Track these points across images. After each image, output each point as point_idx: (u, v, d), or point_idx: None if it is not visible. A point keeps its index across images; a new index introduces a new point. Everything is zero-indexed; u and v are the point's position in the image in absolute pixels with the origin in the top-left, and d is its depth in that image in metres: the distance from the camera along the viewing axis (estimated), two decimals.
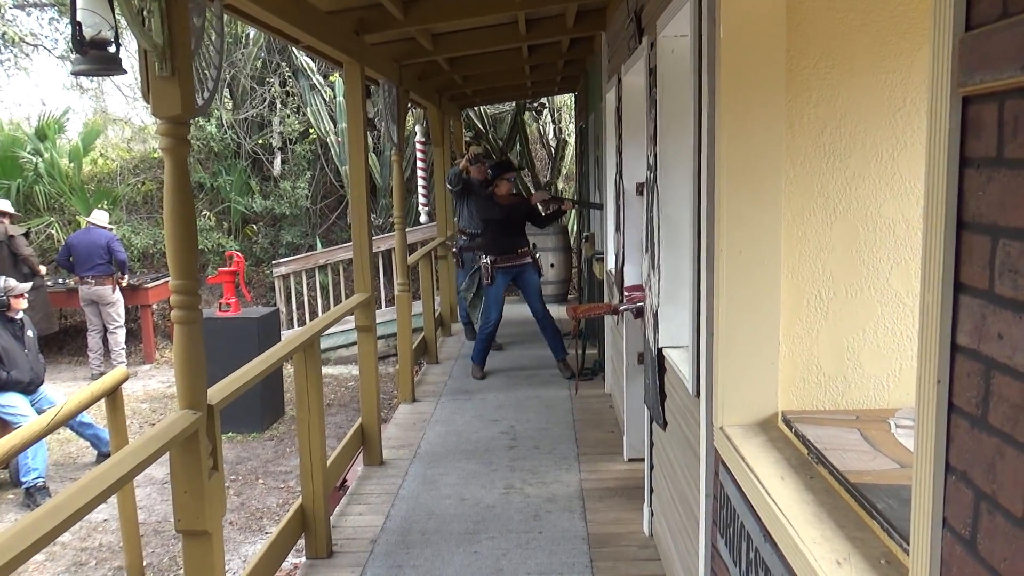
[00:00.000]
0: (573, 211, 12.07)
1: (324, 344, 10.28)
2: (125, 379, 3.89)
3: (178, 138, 2.44)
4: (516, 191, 7.36)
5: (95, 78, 13.69)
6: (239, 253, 8.60)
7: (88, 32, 2.32)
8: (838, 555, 1.59)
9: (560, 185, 12.30)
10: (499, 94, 10.52)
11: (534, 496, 4.53)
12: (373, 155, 11.92)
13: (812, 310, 2.39)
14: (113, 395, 3.72)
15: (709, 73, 2.36)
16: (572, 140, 12.33)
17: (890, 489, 1.76)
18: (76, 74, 2.55)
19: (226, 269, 7.83)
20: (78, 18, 2.30)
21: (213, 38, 2.70)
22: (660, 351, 3.43)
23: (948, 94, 0.99)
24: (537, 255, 7.40)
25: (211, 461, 2.57)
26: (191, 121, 2.66)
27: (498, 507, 4.39)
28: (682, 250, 3.33)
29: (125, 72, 2.46)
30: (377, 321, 10.58)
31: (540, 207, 7.32)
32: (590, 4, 5.57)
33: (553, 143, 12.66)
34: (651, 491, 3.95)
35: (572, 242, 11.09)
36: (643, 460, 4.94)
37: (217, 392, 2.72)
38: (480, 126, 11.95)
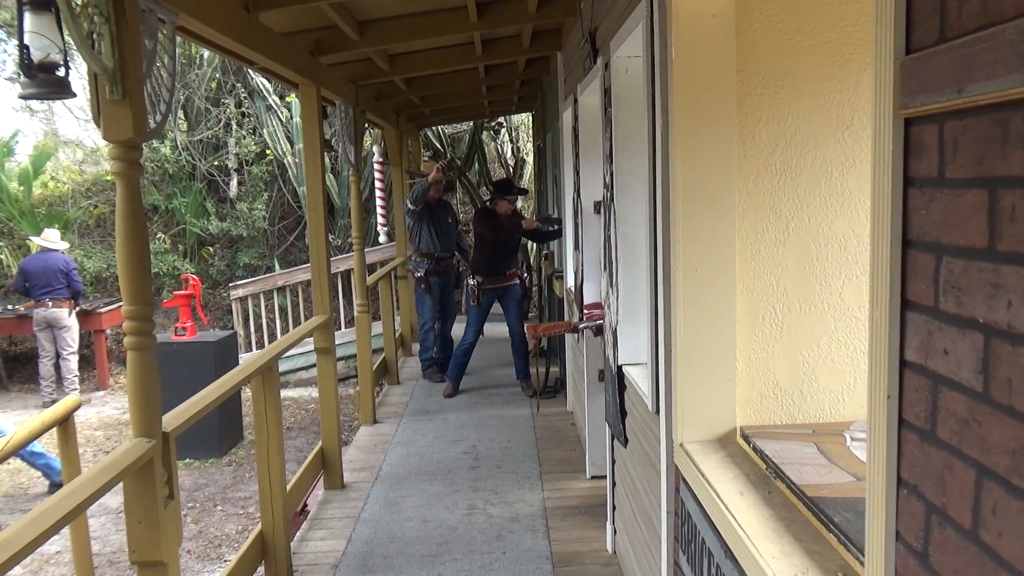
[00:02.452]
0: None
1: (283, 367, 10.16)
2: (77, 407, 3.80)
3: (130, 162, 2.41)
4: (516, 212, 7.20)
5: (45, 100, 13.45)
6: (195, 276, 8.47)
7: (36, 55, 2.29)
8: (796, 569, 1.60)
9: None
10: (457, 113, 10.54)
11: (497, 516, 4.51)
12: (331, 175, 11.85)
13: (767, 326, 2.42)
14: (65, 423, 3.64)
15: (662, 93, 2.40)
16: (530, 159, 12.39)
17: (846, 502, 1.78)
18: (24, 98, 2.51)
19: (182, 292, 7.71)
20: (26, 41, 2.27)
21: (166, 60, 2.68)
22: (620, 368, 3.45)
23: (891, 115, 1.02)
24: (526, 276, 7.39)
25: (166, 490, 2.52)
26: (144, 144, 2.62)
27: (461, 528, 4.36)
28: (639, 268, 3.36)
29: (74, 95, 2.43)
30: (337, 342, 10.53)
31: (539, 224, 7.26)
32: (545, 25, 5.62)
33: (511, 162, 12.72)
34: (613, 508, 3.96)
35: (532, 260, 11.12)
36: (605, 477, 4.97)
37: (172, 419, 2.68)
38: (439, 145, 11.96)
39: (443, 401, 6.97)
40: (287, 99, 11.63)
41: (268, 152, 11.95)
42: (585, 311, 4.79)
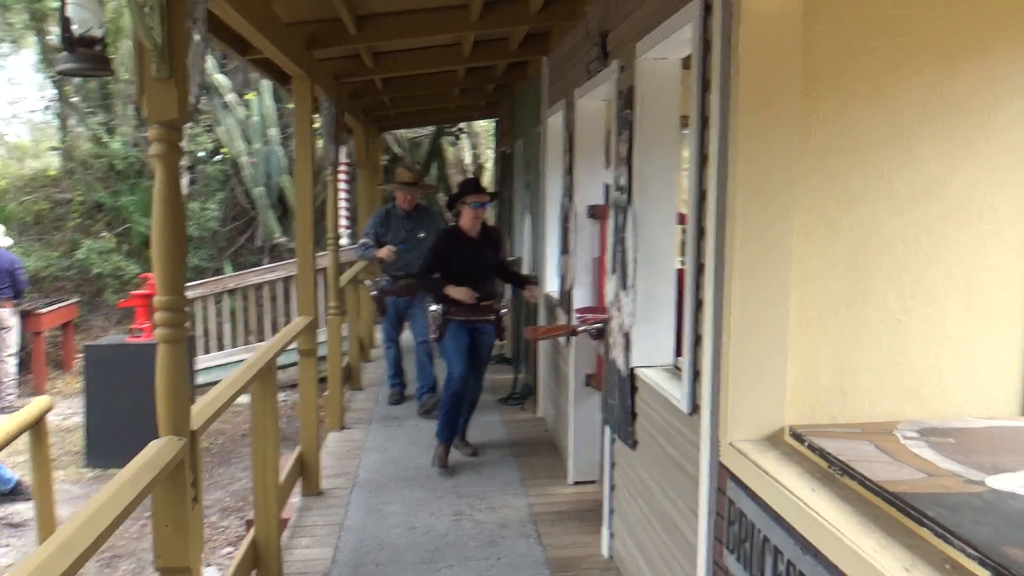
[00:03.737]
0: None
1: None
2: (49, 408, 3.62)
3: (172, 143, 2.30)
4: (489, 229, 5.74)
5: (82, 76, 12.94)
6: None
7: (77, 29, 2.17)
8: (902, 563, 1.59)
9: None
10: (422, 117, 10.46)
11: (486, 522, 4.44)
12: (287, 175, 11.64)
13: (814, 327, 2.44)
14: (37, 426, 3.47)
15: (722, 94, 2.39)
16: (490, 165, 12.37)
17: (931, 497, 1.78)
18: (63, 73, 2.37)
19: (139, 292, 7.45)
20: (67, 13, 2.15)
21: (197, 39, 2.58)
22: (632, 371, 3.43)
23: None
24: (503, 311, 5.61)
25: (193, 491, 2.40)
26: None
27: (451, 535, 4.28)
28: (659, 270, 3.37)
29: (112, 73, 2.31)
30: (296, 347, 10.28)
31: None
32: (536, 29, 5.61)
33: (471, 168, 12.67)
34: (611, 512, 3.93)
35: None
36: (591, 483, 4.96)
37: (198, 416, 2.55)
38: (398, 149, 11.85)
39: (411, 407, 6.85)
40: (246, 96, 11.38)
41: (224, 150, 11.66)
42: (577, 314, 4.77)
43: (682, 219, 3.58)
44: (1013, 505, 1.72)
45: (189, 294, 10.05)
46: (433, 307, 5.29)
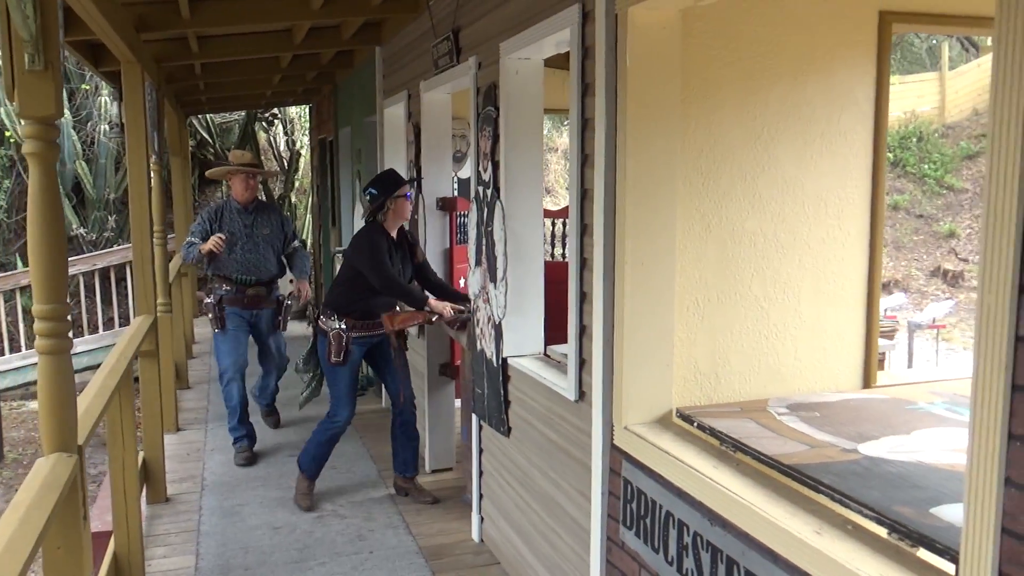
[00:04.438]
0: (308, 219, 11.79)
1: (6, 382, 9.19)
2: None
3: (48, 141, 2.14)
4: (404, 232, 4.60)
5: None
6: None
7: None
8: (812, 527, 1.81)
9: (294, 199, 11.97)
10: (234, 103, 10.03)
11: (350, 517, 4.42)
12: (82, 163, 10.79)
13: (691, 314, 2.66)
14: None
15: (607, 97, 2.53)
16: (306, 153, 12.05)
17: (821, 466, 2.02)
18: None
19: None
20: None
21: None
22: (505, 361, 3.55)
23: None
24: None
25: (83, 509, 2.27)
26: None
27: (317, 532, 4.24)
28: (528, 263, 3.50)
29: None
30: (90, 348, 9.61)
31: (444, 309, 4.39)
32: (370, 19, 5.56)
33: (286, 155, 12.28)
34: (481, 498, 4.05)
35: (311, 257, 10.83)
36: (448, 470, 5.06)
37: (80, 431, 2.40)
38: (206, 135, 11.28)
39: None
40: None
41: (8, 134, 10.61)
42: None
43: (545, 214, 3.73)
44: (888, 469, 1.99)
45: None
46: (336, 325, 4.39)
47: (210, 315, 5.41)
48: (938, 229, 14.35)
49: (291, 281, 5.80)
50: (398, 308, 4.61)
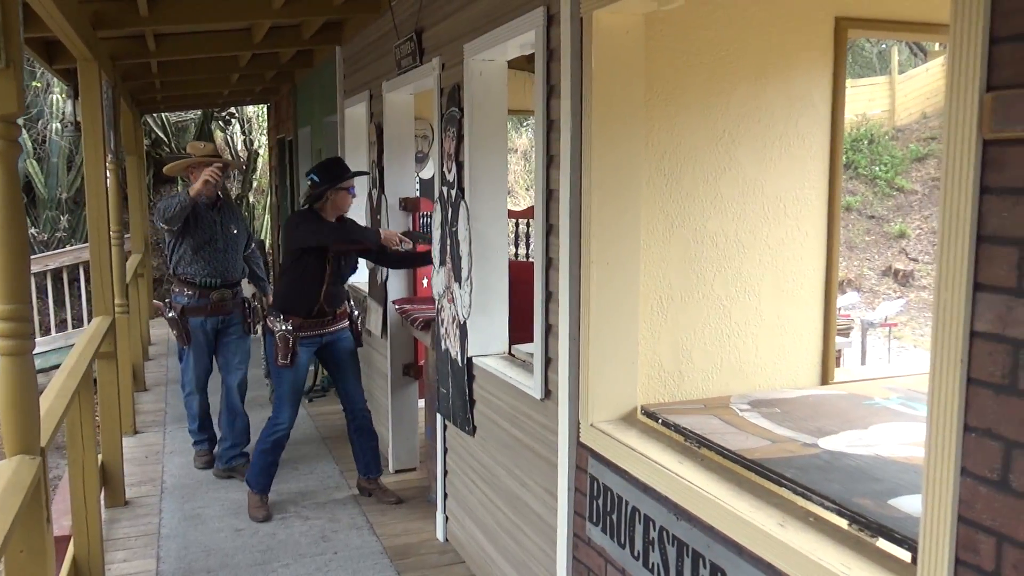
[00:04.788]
0: (267, 219, 11.69)
1: None
2: None
3: (11, 140, 2.12)
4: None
5: None
6: None
7: None
8: (775, 520, 1.86)
9: (252, 198, 11.85)
10: (191, 101, 9.91)
11: (314, 518, 4.40)
12: (33, 162, 10.57)
13: (655, 314, 2.70)
14: None
15: (573, 99, 2.57)
16: (264, 153, 11.93)
17: (783, 461, 2.08)
18: None
19: None
20: None
21: None
22: (470, 360, 3.57)
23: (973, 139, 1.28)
24: (356, 315, 4.70)
25: (46, 512, 2.24)
26: None
27: (280, 534, 4.21)
28: (493, 263, 3.52)
29: None
30: (43, 350, 9.41)
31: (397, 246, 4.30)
32: (331, 18, 5.54)
33: (243, 154, 12.15)
34: (445, 496, 4.06)
35: (269, 258, 10.73)
36: (412, 470, 5.06)
37: (42, 433, 2.36)
38: (161, 134, 11.11)
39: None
40: None
41: None
42: (395, 305, 4.82)
43: (509, 215, 3.75)
44: (847, 463, 2.05)
45: None
46: (282, 327, 4.24)
47: (174, 331, 5.02)
48: (889, 230, 14.68)
49: (249, 283, 5.64)
50: (347, 309, 4.56)
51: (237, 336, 5.10)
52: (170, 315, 4.99)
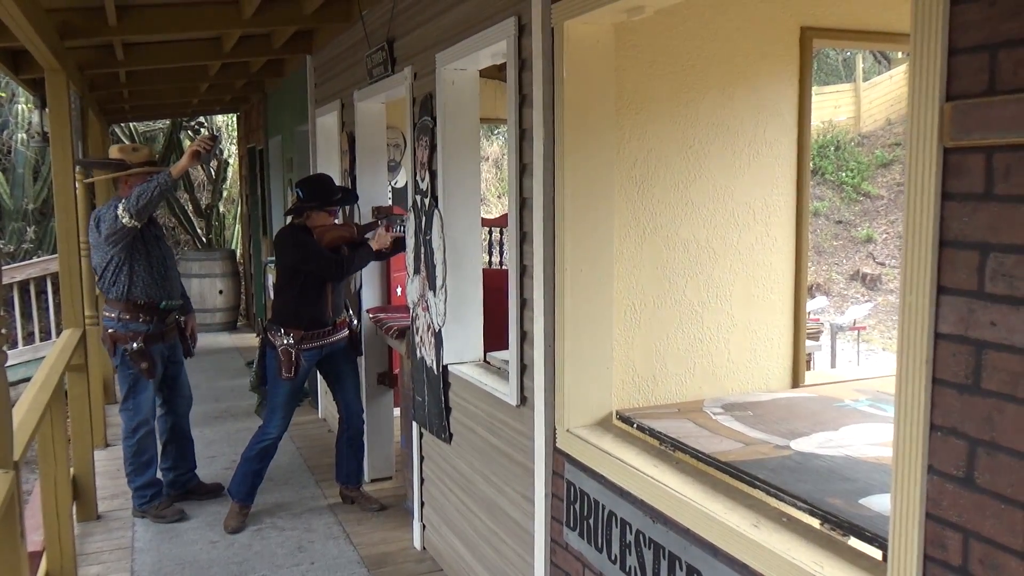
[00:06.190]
0: (237, 229, 11.61)
1: None
2: None
3: None
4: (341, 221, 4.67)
5: None
6: None
7: None
8: (749, 520, 1.89)
9: (222, 208, 11.76)
10: (159, 111, 9.83)
11: (289, 529, 4.39)
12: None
13: (628, 319, 2.73)
14: None
15: (545, 108, 2.60)
16: (234, 162, 11.86)
17: (756, 463, 2.12)
18: None
19: None
20: None
21: None
22: (445, 368, 3.58)
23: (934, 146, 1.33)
24: (355, 323, 4.71)
25: (20, 527, 2.22)
26: None
27: (256, 545, 4.19)
28: (467, 271, 3.54)
29: None
30: (16, 362, 9.27)
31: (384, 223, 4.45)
32: (301, 28, 5.54)
33: (213, 164, 12.05)
34: (422, 504, 4.06)
35: (240, 268, 10.66)
36: (388, 479, 5.05)
37: (16, 447, 2.34)
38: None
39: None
40: None
41: None
42: (370, 315, 4.82)
43: (483, 223, 3.78)
44: (818, 464, 2.09)
45: None
46: (284, 341, 4.21)
47: (143, 365, 4.32)
48: (856, 234, 14.88)
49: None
50: (347, 318, 4.59)
51: (182, 362, 4.74)
52: (135, 347, 4.30)
